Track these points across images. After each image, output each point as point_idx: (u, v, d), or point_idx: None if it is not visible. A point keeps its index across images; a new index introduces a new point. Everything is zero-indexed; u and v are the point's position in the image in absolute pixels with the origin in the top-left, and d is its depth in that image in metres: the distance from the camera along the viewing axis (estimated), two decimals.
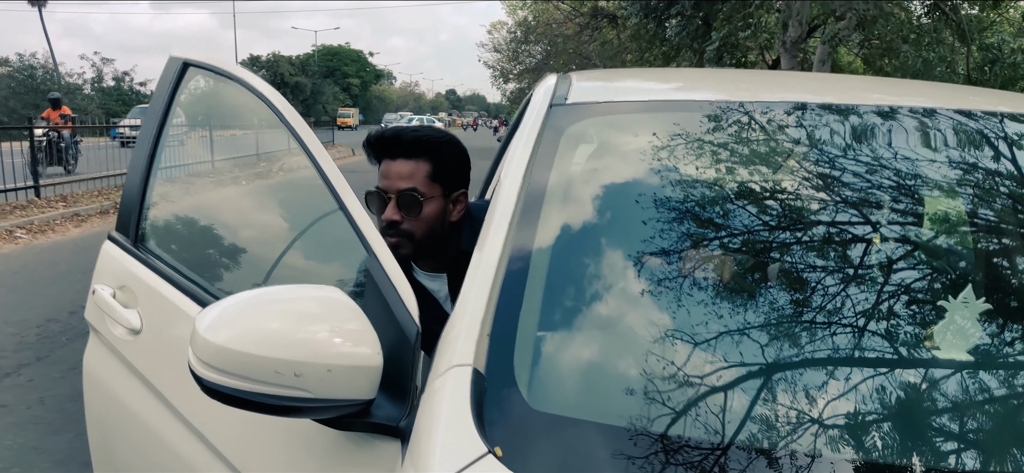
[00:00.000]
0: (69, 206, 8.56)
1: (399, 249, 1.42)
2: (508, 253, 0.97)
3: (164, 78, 1.60)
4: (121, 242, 1.57)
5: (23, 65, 43.22)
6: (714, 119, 1.29)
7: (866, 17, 8.04)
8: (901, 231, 1.17)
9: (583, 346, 0.92)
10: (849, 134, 1.27)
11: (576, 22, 17.53)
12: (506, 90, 32.75)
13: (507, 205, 1.04)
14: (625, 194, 1.13)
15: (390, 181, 1.44)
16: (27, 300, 5.03)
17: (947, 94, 1.65)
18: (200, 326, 0.89)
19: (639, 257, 1.02)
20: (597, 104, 1.33)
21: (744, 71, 2.29)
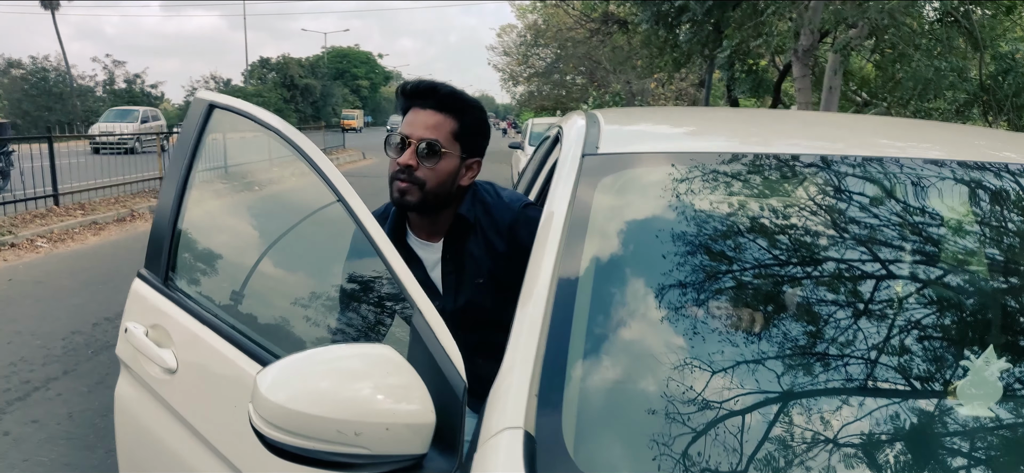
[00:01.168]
0: (87, 214, 8.66)
1: (406, 195, 1.46)
2: (552, 310, 1.02)
3: (191, 117, 1.65)
4: (151, 280, 1.61)
5: (36, 68, 43.61)
6: (742, 171, 1.35)
7: (878, 25, 8.04)
8: (920, 281, 1.21)
9: (630, 404, 0.97)
10: (871, 187, 1.32)
11: (587, 27, 17.55)
12: (515, 92, 32.83)
13: (549, 262, 1.09)
14: (663, 249, 1.18)
15: (414, 128, 1.48)
16: (51, 311, 5.12)
17: (959, 140, 1.70)
18: (261, 386, 0.95)
19: (682, 313, 1.08)
20: (628, 155, 1.38)
21: (769, 112, 2.35)
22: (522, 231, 1.51)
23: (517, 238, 1.52)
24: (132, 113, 23.87)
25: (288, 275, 1.54)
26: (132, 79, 48.53)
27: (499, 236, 1.53)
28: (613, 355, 1.03)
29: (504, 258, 1.52)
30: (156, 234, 1.63)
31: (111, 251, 7.37)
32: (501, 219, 1.55)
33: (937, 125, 2.07)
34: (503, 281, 1.49)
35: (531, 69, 27.04)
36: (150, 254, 1.65)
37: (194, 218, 1.64)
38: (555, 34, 21.50)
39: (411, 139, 1.47)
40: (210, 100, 1.63)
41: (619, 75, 20.85)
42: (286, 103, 52.86)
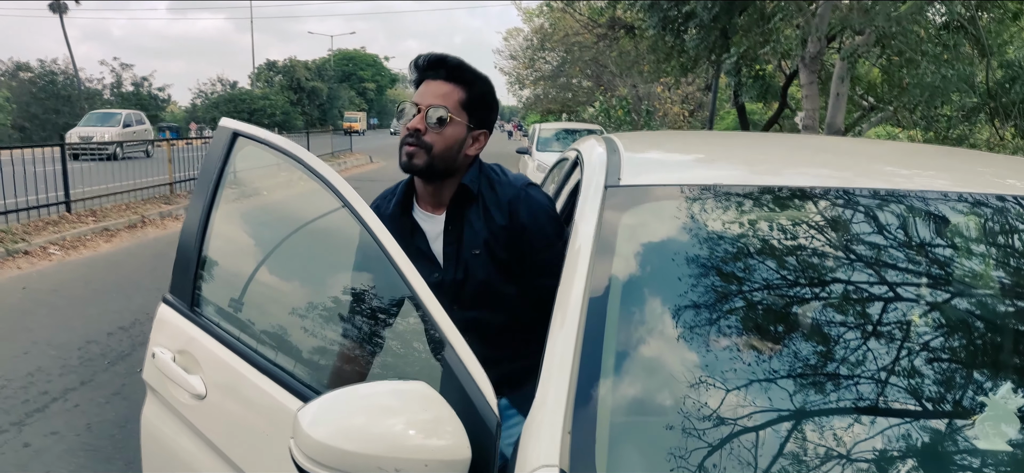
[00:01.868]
0: (99, 221, 8.74)
1: (413, 158, 1.54)
2: (582, 346, 1.06)
3: (215, 145, 1.69)
4: (177, 306, 1.65)
5: (44, 71, 43.88)
6: (762, 204, 1.39)
7: (885, 32, 8.05)
8: (931, 310, 1.25)
9: (661, 439, 1.01)
10: (882, 219, 1.36)
11: (594, 32, 17.58)
12: (521, 96, 32.87)
13: (577, 297, 1.14)
14: (689, 283, 1.22)
15: (424, 97, 1.57)
16: (66, 320, 5.18)
17: (965, 168, 1.74)
18: (303, 422, 0.99)
19: (711, 347, 1.12)
20: (650, 188, 1.42)
21: (783, 139, 2.39)
22: (522, 208, 1.58)
23: (516, 215, 1.58)
24: (114, 117, 21.94)
25: (316, 302, 1.58)
26: (140, 82, 48.77)
27: (499, 210, 1.59)
28: (644, 390, 1.07)
29: (503, 232, 1.58)
30: (181, 260, 1.67)
31: (123, 258, 7.44)
32: (503, 194, 1.60)
33: (943, 151, 2.11)
34: (498, 256, 1.57)
35: (537, 73, 27.08)
36: (176, 280, 1.69)
37: (219, 244, 1.69)
38: (561, 38, 21.54)
39: (421, 106, 1.56)
40: (234, 128, 1.67)
41: (625, 79, 20.88)
42: (293, 106, 52.99)
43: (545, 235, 1.58)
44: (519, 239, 1.58)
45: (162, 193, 11.14)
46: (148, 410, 1.72)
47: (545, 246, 1.57)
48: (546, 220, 1.60)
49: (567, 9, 17.30)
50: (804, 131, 9.37)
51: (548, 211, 1.62)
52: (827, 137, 2.41)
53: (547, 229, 1.59)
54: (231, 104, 47.53)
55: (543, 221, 1.59)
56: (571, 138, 13.10)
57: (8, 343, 4.65)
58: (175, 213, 10.28)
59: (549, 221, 1.61)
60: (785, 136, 2.62)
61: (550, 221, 1.61)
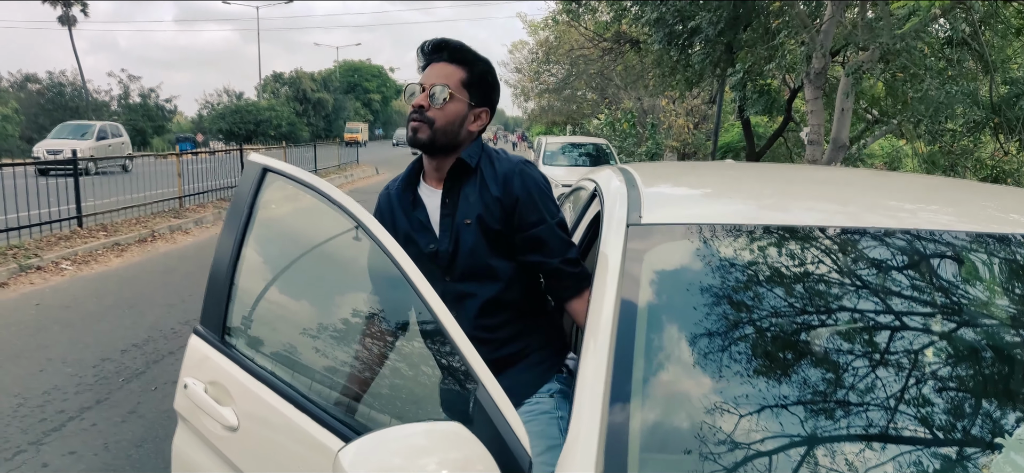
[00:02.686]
0: (110, 235, 8.82)
1: (418, 133, 1.69)
2: (611, 385, 1.12)
3: (245, 179, 1.75)
4: (208, 337, 1.70)
5: (52, 83, 44.24)
6: (783, 242, 1.45)
7: (889, 49, 8.11)
8: (951, 346, 1.30)
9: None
10: (902, 259, 1.41)
11: (599, 47, 17.69)
12: (527, 108, 33.02)
13: (604, 339, 1.19)
14: (712, 322, 1.28)
15: (428, 78, 1.72)
16: (80, 337, 5.25)
17: (979, 203, 1.79)
18: (343, 462, 1.05)
19: (738, 386, 1.17)
20: (671, 227, 1.47)
21: (798, 171, 2.44)
22: (516, 181, 1.66)
23: (510, 187, 1.66)
24: (87, 129, 20.08)
25: (346, 337, 1.63)
26: (147, 93, 49.10)
27: (495, 183, 1.68)
28: (672, 428, 1.13)
29: (496, 203, 1.66)
30: (212, 292, 1.72)
31: (135, 273, 7.50)
32: (500, 169, 1.70)
33: (948, 184, 2.15)
34: (491, 227, 1.65)
35: (542, 85, 27.22)
36: (206, 311, 1.74)
37: (250, 277, 1.74)
38: (566, 52, 21.66)
39: (425, 86, 1.70)
40: (264, 164, 1.73)
41: (630, 92, 20.98)
42: (298, 117, 53.26)
43: (536, 209, 1.66)
44: (512, 212, 1.66)
45: (172, 207, 11.22)
46: (179, 439, 1.77)
47: (537, 221, 1.65)
48: (539, 195, 1.67)
49: (572, 23, 17.41)
50: (810, 146, 9.41)
51: (542, 188, 1.70)
52: (835, 170, 2.46)
53: (539, 204, 1.66)
54: (237, 115, 47.80)
55: (536, 196, 1.66)
56: (577, 152, 13.15)
57: (24, 360, 4.72)
58: (184, 227, 10.37)
59: (542, 197, 1.68)
60: (795, 168, 2.67)
61: (543, 197, 1.68)
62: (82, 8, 45.88)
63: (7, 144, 35.86)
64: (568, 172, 12.02)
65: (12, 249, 7.49)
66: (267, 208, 1.77)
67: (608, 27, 16.06)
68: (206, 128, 47.75)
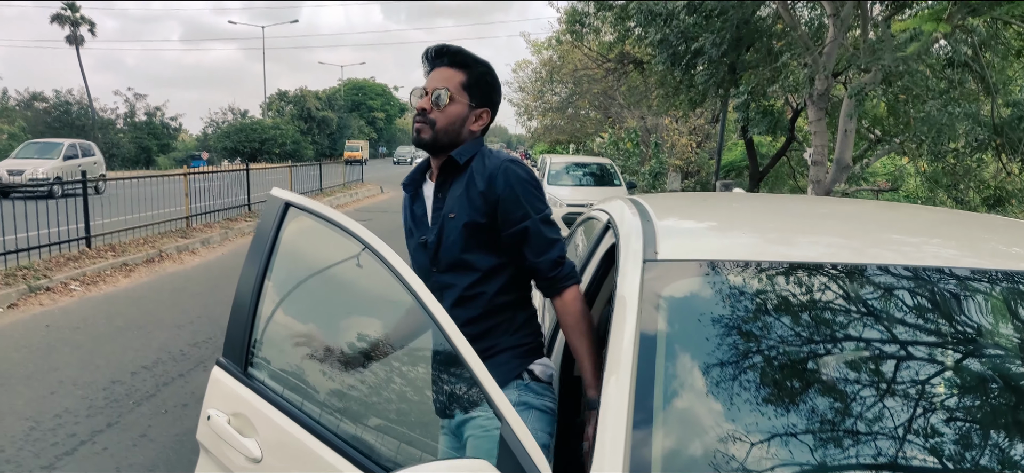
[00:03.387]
0: (118, 255, 8.88)
1: (421, 133, 1.81)
2: (632, 417, 1.17)
3: (267, 213, 1.80)
4: (231, 369, 1.74)
5: (59, 101, 44.59)
6: (794, 278, 1.49)
7: (892, 71, 8.17)
8: (963, 378, 1.34)
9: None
10: (926, 298, 1.46)
11: (603, 67, 17.81)
12: (530, 126, 33.19)
13: (626, 369, 1.24)
14: (732, 359, 1.33)
15: (431, 82, 1.83)
16: (90, 359, 5.29)
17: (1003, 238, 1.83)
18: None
19: (761, 428, 1.21)
20: (688, 263, 1.52)
21: (808, 203, 2.48)
22: (500, 178, 1.72)
23: (494, 183, 1.72)
24: (54, 147, 18.38)
25: (370, 370, 1.67)
26: (152, 111, 49.44)
27: (482, 178, 1.75)
28: (694, 463, 1.17)
29: (480, 197, 1.73)
30: (234, 325, 1.77)
31: (143, 294, 7.56)
32: (489, 165, 1.77)
33: (958, 218, 2.19)
34: (475, 221, 1.72)
35: (546, 104, 27.38)
36: (229, 343, 1.78)
37: (272, 310, 1.79)
38: (570, 72, 21.81)
39: (428, 90, 1.81)
40: (286, 199, 1.78)
41: (634, 111, 21.09)
42: (303, 135, 53.51)
43: (520, 205, 1.71)
44: (496, 207, 1.72)
45: (179, 227, 11.29)
46: (202, 471, 1.81)
47: (521, 217, 1.71)
48: (522, 191, 1.73)
49: (576, 44, 17.55)
50: (813, 166, 9.45)
51: (526, 184, 1.75)
52: (843, 202, 2.50)
53: (522, 200, 1.72)
54: (242, 133, 48.05)
55: (519, 192, 1.72)
56: (581, 171, 13.22)
57: (35, 382, 4.76)
58: (191, 247, 10.43)
59: (526, 193, 1.73)
60: (803, 200, 2.72)
61: (527, 193, 1.73)
62: (90, 28, 46.32)
63: None
64: (572, 191, 12.09)
65: (22, 270, 7.56)
66: (289, 242, 1.82)
67: (612, 47, 16.19)
68: (211, 146, 48.02)
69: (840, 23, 8.74)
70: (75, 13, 45.54)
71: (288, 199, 1.77)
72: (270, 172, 19.49)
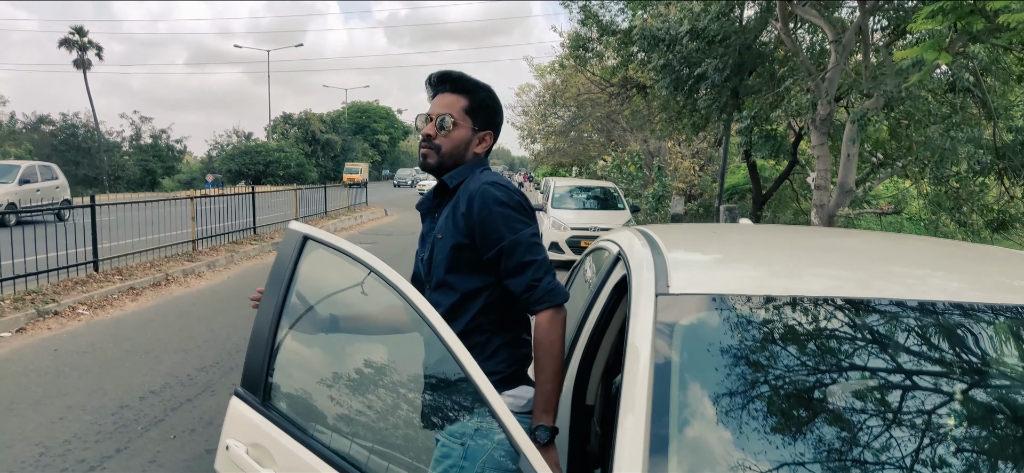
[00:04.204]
0: (125, 279, 8.93)
1: (427, 158, 1.89)
2: (648, 452, 1.20)
3: (286, 246, 1.84)
4: (249, 400, 1.77)
5: (66, 125, 44.95)
6: (811, 312, 1.53)
7: (894, 96, 8.23)
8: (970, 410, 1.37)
9: None
10: (931, 331, 1.49)
11: (606, 91, 17.95)
12: (533, 149, 33.36)
13: (641, 403, 1.27)
14: (737, 385, 1.36)
15: (435, 107, 1.90)
16: (99, 383, 5.32)
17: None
18: None
19: (767, 447, 1.24)
20: (700, 296, 1.55)
21: (817, 234, 2.52)
22: (477, 200, 1.77)
23: (473, 204, 1.77)
24: (10, 171, 16.30)
25: (387, 402, 1.70)
26: (158, 134, 49.78)
27: (465, 201, 1.80)
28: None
29: (462, 218, 1.79)
30: (253, 355, 1.80)
31: (150, 318, 7.59)
32: (471, 188, 1.81)
33: (969, 252, 2.21)
34: (460, 241, 1.78)
35: (549, 128, 27.54)
36: (247, 374, 1.81)
37: (290, 342, 1.82)
38: (574, 96, 21.97)
39: (432, 116, 1.88)
40: (304, 233, 1.83)
41: (636, 134, 21.20)
42: (307, 157, 53.76)
43: (496, 226, 1.75)
44: (475, 228, 1.77)
45: (185, 250, 11.35)
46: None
47: (497, 237, 1.75)
48: (499, 212, 1.76)
49: (579, 69, 17.70)
50: (816, 190, 9.50)
51: (504, 204, 1.77)
52: (848, 234, 2.53)
53: (498, 222, 1.75)
54: (246, 156, 48.33)
55: (495, 213, 1.75)
56: (585, 195, 13.27)
57: (44, 407, 4.78)
58: (197, 270, 10.48)
59: (503, 214, 1.76)
60: (810, 231, 2.75)
61: (504, 214, 1.76)
62: (97, 52, 46.78)
63: None
64: (576, 215, 12.14)
65: (30, 294, 7.61)
66: (308, 274, 1.86)
67: (615, 72, 16.32)
68: (216, 168, 48.29)
69: (842, 49, 8.82)
70: (83, 37, 46.03)
71: (306, 232, 1.82)
72: (275, 195, 19.58)
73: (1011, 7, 3.70)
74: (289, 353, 1.82)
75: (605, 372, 2.27)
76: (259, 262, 12.04)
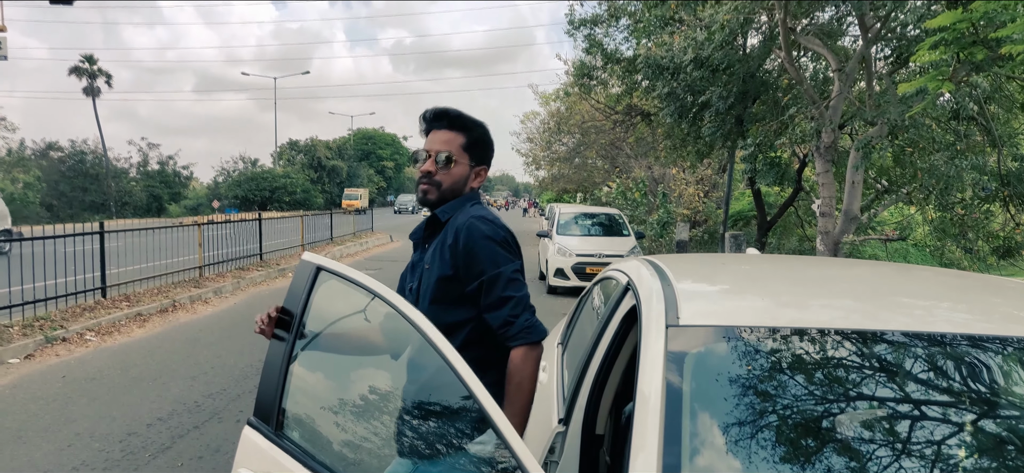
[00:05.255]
0: (132, 305, 8.96)
1: (427, 194, 1.93)
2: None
3: (299, 276, 1.87)
4: (262, 429, 1.79)
5: (74, 151, 45.35)
6: (817, 343, 1.55)
7: (898, 124, 8.29)
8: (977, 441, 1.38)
9: None
10: (938, 362, 1.51)
11: (611, 119, 18.07)
12: (537, 176, 33.53)
13: (653, 433, 1.29)
14: (747, 415, 1.38)
15: (433, 144, 1.94)
16: (106, 410, 5.32)
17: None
18: None
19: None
20: (710, 328, 1.57)
21: (826, 264, 2.54)
22: (462, 234, 1.83)
23: (458, 238, 1.83)
24: None
25: (399, 430, 1.72)
26: (165, 160, 50.13)
27: (451, 233, 1.86)
28: None
29: (449, 251, 1.84)
30: (266, 385, 1.82)
31: (157, 344, 7.61)
32: (458, 221, 1.87)
33: (982, 285, 2.23)
34: (445, 273, 1.83)
35: (553, 155, 27.70)
36: (260, 404, 1.83)
37: (304, 372, 1.84)
38: (578, 123, 22.11)
39: (431, 152, 1.92)
40: (317, 263, 1.85)
41: (641, 161, 21.30)
42: (313, 184, 54.03)
43: (478, 261, 1.80)
44: (458, 260, 1.82)
45: (192, 276, 11.40)
46: None
47: (478, 272, 1.80)
48: (482, 247, 1.81)
49: (584, 96, 17.84)
50: (822, 218, 9.52)
51: (488, 238, 1.83)
52: (855, 264, 2.56)
53: (480, 256, 1.81)
54: (253, 182, 48.60)
55: (477, 248, 1.81)
56: (590, 221, 13.30)
57: (52, 434, 4.79)
58: (204, 296, 10.51)
59: (486, 249, 1.81)
60: (817, 262, 2.77)
61: (486, 249, 1.81)
62: (107, 79, 47.30)
63: (27, 211, 36.56)
64: (581, 241, 12.16)
65: (39, 320, 7.64)
66: (321, 304, 1.88)
67: (619, 100, 16.44)
68: (222, 195, 48.57)
69: (845, 77, 8.90)
70: (93, 65, 46.60)
71: (320, 263, 1.84)
72: (281, 221, 19.68)
73: (1013, 37, 3.74)
74: (302, 382, 1.84)
75: (614, 402, 2.28)
76: (265, 288, 12.08)
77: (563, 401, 2.31)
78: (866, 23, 8.90)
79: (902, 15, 7.79)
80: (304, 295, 1.84)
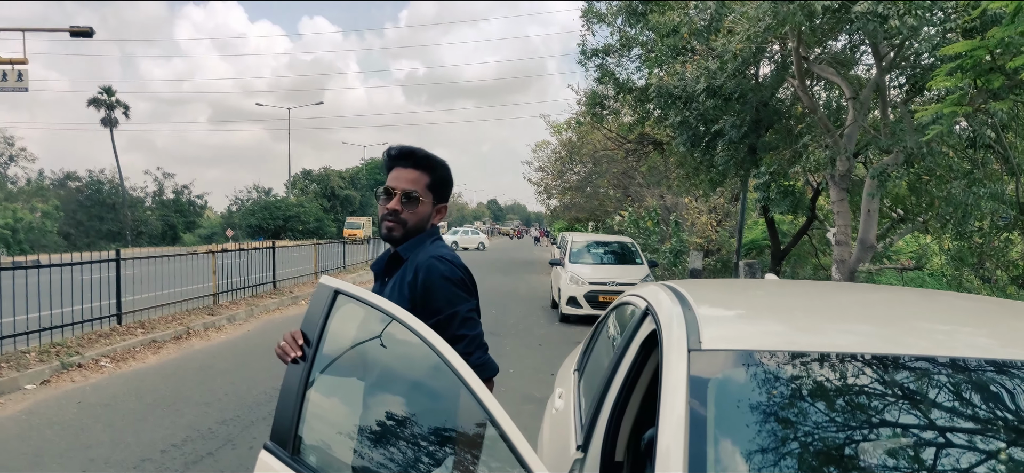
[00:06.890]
0: (147, 332, 9.01)
1: (393, 231, 1.98)
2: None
3: (317, 300, 1.87)
4: (278, 453, 1.78)
5: (92, 181, 45.99)
6: (842, 368, 1.53)
7: (914, 152, 8.25)
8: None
9: None
10: (960, 387, 1.48)
11: (623, 148, 18.12)
12: (549, 204, 33.60)
13: (677, 459, 1.28)
14: (773, 440, 1.36)
15: (398, 182, 1.98)
16: (120, 436, 5.33)
17: None
18: None
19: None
20: (733, 352, 1.56)
21: (843, 290, 2.51)
22: (421, 273, 1.89)
23: (418, 276, 1.88)
24: None
25: (416, 453, 1.71)
26: (180, 190, 50.71)
27: (411, 271, 1.91)
28: None
29: (408, 287, 1.89)
30: (283, 409, 1.81)
31: (171, 371, 7.63)
32: (418, 259, 1.93)
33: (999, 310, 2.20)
34: (405, 309, 1.81)
35: (565, 184, 27.77)
36: (277, 428, 1.82)
37: (320, 396, 1.84)
38: (590, 152, 22.19)
39: (396, 191, 1.97)
40: (334, 287, 1.86)
41: (653, 190, 21.31)
42: (326, 212, 54.38)
43: (435, 299, 1.86)
44: (416, 297, 1.87)
45: (206, 304, 11.45)
46: None
47: (435, 310, 1.85)
48: (439, 287, 1.87)
49: (596, 126, 17.92)
50: (837, 246, 9.46)
51: (444, 280, 1.88)
52: (873, 289, 2.54)
53: (437, 295, 1.86)
54: (266, 211, 48.99)
55: (435, 287, 1.87)
56: (602, 250, 13.27)
57: (68, 460, 4.80)
58: (218, 323, 10.55)
59: (442, 289, 1.87)
60: (837, 287, 2.75)
61: (443, 289, 1.87)
62: (124, 111, 48.07)
63: (45, 240, 37.02)
64: (594, 270, 12.13)
65: (55, 346, 7.69)
66: (338, 328, 1.88)
67: (632, 129, 16.50)
68: (236, 223, 48.97)
69: (859, 105, 8.89)
70: (111, 97, 47.39)
71: (338, 287, 1.85)
72: (295, 250, 19.79)
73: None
74: (319, 406, 1.84)
75: (633, 428, 2.26)
76: (279, 316, 12.11)
77: (581, 427, 2.29)
78: (880, 51, 8.91)
79: (917, 44, 7.80)
80: (321, 319, 1.84)
